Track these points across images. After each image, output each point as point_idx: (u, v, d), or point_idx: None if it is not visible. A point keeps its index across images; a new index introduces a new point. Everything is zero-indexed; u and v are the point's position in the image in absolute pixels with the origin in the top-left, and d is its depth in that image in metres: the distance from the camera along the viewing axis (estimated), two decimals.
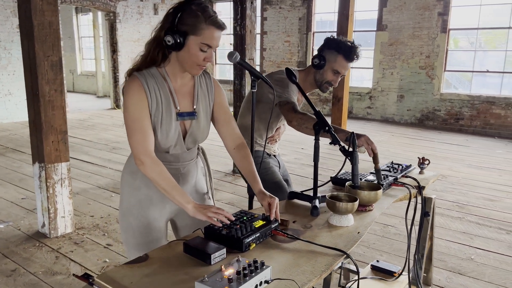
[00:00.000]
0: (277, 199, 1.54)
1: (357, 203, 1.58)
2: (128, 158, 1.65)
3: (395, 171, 2.18)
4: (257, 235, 1.40)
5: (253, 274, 1.13)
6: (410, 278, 2.05)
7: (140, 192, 1.59)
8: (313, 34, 9.69)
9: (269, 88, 1.75)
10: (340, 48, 2.09)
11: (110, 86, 10.62)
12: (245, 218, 1.49)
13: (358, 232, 1.53)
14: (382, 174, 2.05)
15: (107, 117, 9.24)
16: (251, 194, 1.94)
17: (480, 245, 3.17)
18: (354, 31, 7.07)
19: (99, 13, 11.92)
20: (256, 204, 1.89)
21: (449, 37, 8.01)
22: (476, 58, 7.95)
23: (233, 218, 1.44)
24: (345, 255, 1.36)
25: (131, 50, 10.23)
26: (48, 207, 3.12)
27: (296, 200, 1.84)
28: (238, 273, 1.12)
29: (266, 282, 1.16)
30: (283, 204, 1.80)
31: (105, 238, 3.19)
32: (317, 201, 1.69)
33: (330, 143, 1.67)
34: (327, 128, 1.66)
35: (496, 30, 8.11)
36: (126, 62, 10.09)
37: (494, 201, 4.12)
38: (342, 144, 1.66)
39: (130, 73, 1.50)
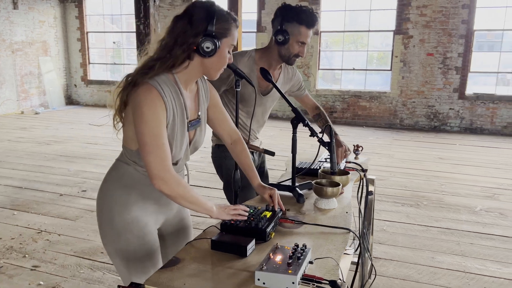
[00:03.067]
0: (276, 190, 1.65)
1: (340, 187, 1.79)
2: (113, 170, 1.51)
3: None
4: (273, 224, 1.50)
5: (303, 256, 1.23)
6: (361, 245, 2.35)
7: (136, 207, 1.47)
8: None
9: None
10: (301, 18, 2.02)
11: None
12: (252, 211, 1.57)
13: (347, 212, 1.73)
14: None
15: None
16: (235, 190, 1.98)
17: (386, 217, 3.71)
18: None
19: None
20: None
21: (320, 39, 8.89)
22: (344, 57, 8.98)
23: (248, 210, 1.51)
24: (349, 231, 1.55)
25: None
26: None
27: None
28: (290, 257, 1.21)
29: (310, 262, 1.27)
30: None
31: (27, 260, 2.85)
32: (298, 190, 1.86)
33: (310, 136, 1.84)
34: (306, 122, 1.82)
35: (358, 33, 9.29)
36: None
37: (383, 180, 4.81)
38: (320, 136, 1.85)
39: (140, 79, 1.35)
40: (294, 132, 1.85)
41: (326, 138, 1.90)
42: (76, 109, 10.52)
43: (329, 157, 2.36)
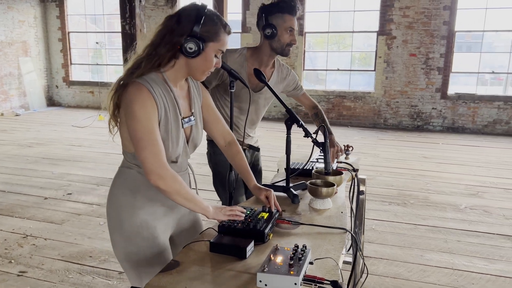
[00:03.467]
0: (272, 191, 1.65)
1: (335, 187, 1.79)
2: (117, 177, 1.51)
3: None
4: (270, 225, 1.49)
5: (303, 257, 1.23)
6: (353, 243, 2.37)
7: (144, 210, 1.47)
8: None
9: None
10: (282, 7, 2.07)
11: None
12: (248, 213, 1.56)
13: (342, 212, 1.74)
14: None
15: None
16: (230, 191, 1.97)
17: (374, 216, 3.75)
18: None
19: None
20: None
21: (305, 40, 8.94)
22: (329, 58, 9.04)
23: (245, 211, 1.50)
24: (346, 231, 1.55)
25: None
26: None
27: None
28: (291, 258, 1.21)
29: (311, 263, 1.27)
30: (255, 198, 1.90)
31: (13, 265, 2.78)
32: (292, 190, 1.86)
33: (304, 136, 1.84)
34: (300, 123, 1.82)
35: (341, 34, 9.37)
36: None
37: (370, 179, 4.85)
38: (314, 136, 1.85)
39: (127, 79, 1.38)
40: (288, 133, 1.86)
41: (321, 138, 1.90)
42: (58, 110, 10.33)
43: (320, 157, 2.40)
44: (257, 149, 2.50)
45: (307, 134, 1.84)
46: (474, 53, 8.46)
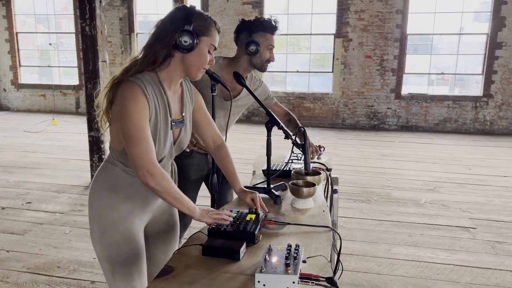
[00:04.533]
0: (257, 193, 1.67)
1: (317, 186, 1.84)
2: (102, 170, 1.54)
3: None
4: (259, 227, 1.52)
5: (298, 255, 1.26)
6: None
7: (123, 206, 1.50)
8: (137, 35, 9.49)
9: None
10: (265, 27, 2.18)
11: None
12: (236, 215, 1.58)
13: (324, 211, 1.79)
14: (298, 162, 2.40)
15: None
16: (213, 194, 1.97)
17: (341, 214, 3.85)
18: None
19: None
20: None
21: None
22: (288, 60, 9.18)
23: (234, 215, 1.52)
24: (331, 229, 1.61)
25: None
26: None
27: None
28: (287, 258, 1.24)
29: (304, 261, 1.31)
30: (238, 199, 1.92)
31: None
32: (274, 191, 1.89)
33: (285, 138, 1.88)
34: (280, 125, 1.86)
35: (299, 36, 9.55)
36: None
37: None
38: (294, 138, 1.90)
39: (122, 78, 1.40)
40: (269, 135, 1.89)
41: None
42: (7, 115, 9.79)
43: (293, 157, 2.46)
44: None
45: (287, 136, 1.89)
46: (424, 55, 8.88)
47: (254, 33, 2.19)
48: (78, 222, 3.57)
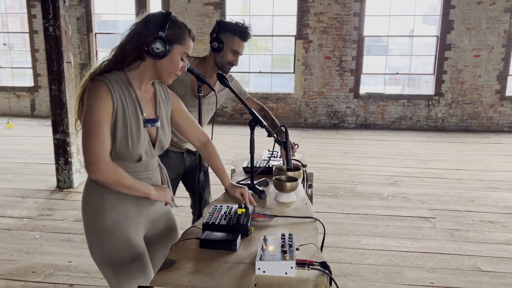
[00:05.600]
0: (246, 188, 1.76)
1: (299, 181, 1.95)
2: (87, 180, 1.54)
3: (280, 156, 2.64)
4: (250, 220, 1.60)
5: (292, 243, 1.36)
6: None
7: (115, 211, 1.50)
8: (95, 35, 9.27)
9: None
10: (235, 29, 2.21)
11: None
12: (226, 209, 1.66)
13: (306, 203, 1.91)
14: (273, 159, 2.51)
15: None
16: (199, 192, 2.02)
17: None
18: None
19: None
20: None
21: None
22: (251, 61, 9.30)
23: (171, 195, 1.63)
24: (316, 220, 1.72)
25: None
26: None
27: None
28: (283, 246, 1.34)
29: (297, 249, 1.41)
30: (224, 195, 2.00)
31: None
32: (258, 187, 1.99)
33: (268, 136, 1.98)
34: (263, 124, 1.96)
35: (260, 37, 9.69)
36: None
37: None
38: (276, 136, 2.00)
39: (93, 77, 1.43)
40: (252, 134, 1.98)
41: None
42: None
43: (270, 155, 2.55)
44: (194, 154, 2.49)
45: (270, 134, 1.99)
46: (380, 56, 9.27)
47: (223, 32, 2.22)
48: (48, 227, 3.50)
